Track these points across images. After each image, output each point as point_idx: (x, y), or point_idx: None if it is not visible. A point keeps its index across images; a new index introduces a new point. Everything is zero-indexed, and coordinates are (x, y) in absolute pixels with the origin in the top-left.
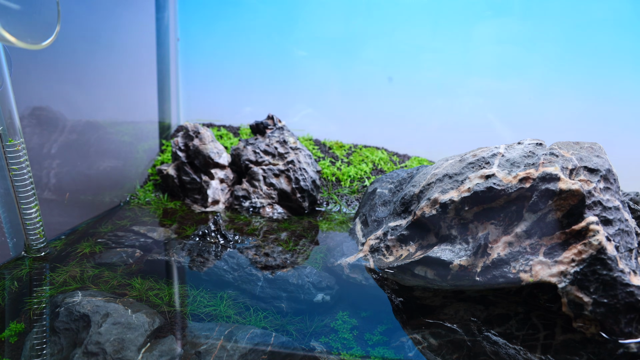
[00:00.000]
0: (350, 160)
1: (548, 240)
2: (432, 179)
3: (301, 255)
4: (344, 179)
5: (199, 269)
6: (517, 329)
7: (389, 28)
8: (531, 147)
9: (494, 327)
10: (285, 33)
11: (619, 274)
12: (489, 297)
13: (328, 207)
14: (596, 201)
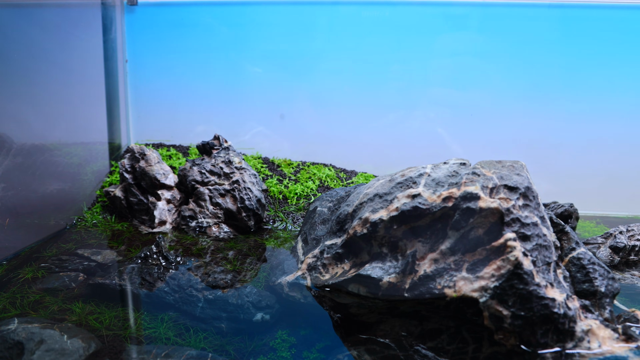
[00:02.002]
0: (298, 178)
1: (470, 256)
2: (364, 198)
3: (243, 275)
4: (291, 197)
5: (140, 291)
6: (448, 343)
7: (341, 47)
8: (455, 166)
9: (426, 341)
10: (240, 51)
11: (535, 288)
12: (422, 312)
13: (274, 224)
14: (515, 218)
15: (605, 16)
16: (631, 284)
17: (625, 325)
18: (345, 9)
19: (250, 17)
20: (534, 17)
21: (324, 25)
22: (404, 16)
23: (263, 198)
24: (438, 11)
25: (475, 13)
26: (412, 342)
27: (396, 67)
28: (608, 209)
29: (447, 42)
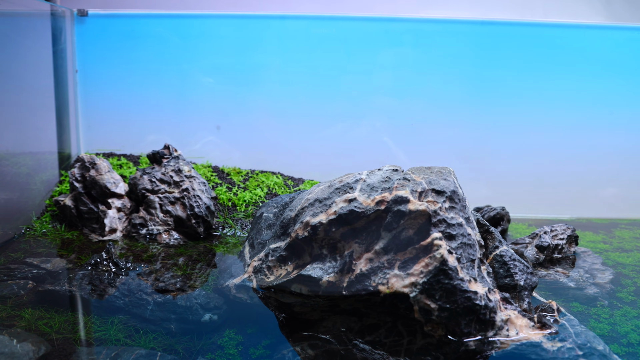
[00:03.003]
0: (247, 186)
1: (402, 255)
2: (306, 203)
3: (192, 279)
4: (240, 204)
5: (90, 296)
6: (385, 336)
7: (290, 59)
8: (388, 172)
9: (365, 336)
10: (192, 62)
11: (459, 282)
12: (361, 309)
13: (224, 231)
14: (441, 219)
15: (532, 33)
16: (554, 280)
17: (540, 314)
18: (294, 23)
19: (202, 29)
20: (466, 33)
21: (274, 38)
22: (349, 31)
23: (212, 205)
24: (380, 27)
25: (413, 29)
26: (352, 337)
27: (344, 78)
28: (538, 211)
29: (390, 55)
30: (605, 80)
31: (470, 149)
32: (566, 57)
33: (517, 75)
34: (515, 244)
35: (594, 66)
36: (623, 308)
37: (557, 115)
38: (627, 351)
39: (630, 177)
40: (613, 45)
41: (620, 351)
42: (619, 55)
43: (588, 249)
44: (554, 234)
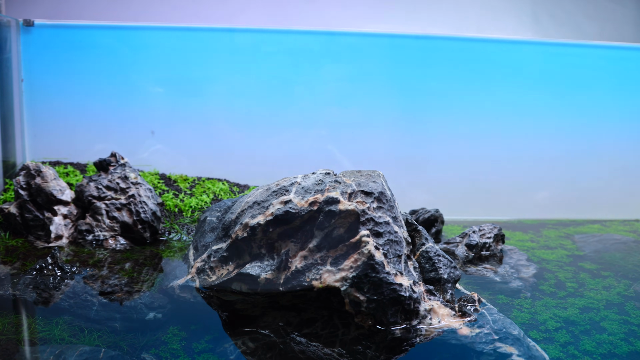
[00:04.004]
0: (193, 192)
1: (334, 252)
2: (245, 206)
3: (138, 281)
4: (186, 210)
5: (35, 300)
6: (322, 329)
7: (239, 70)
8: (321, 176)
9: (303, 329)
10: (141, 72)
11: (385, 276)
12: (299, 305)
13: (170, 236)
14: (369, 218)
15: (466, 47)
16: (482, 275)
17: (461, 304)
18: (242, 36)
19: (150, 40)
20: (405, 47)
21: (223, 51)
22: (295, 44)
23: (158, 211)
24: (322, 40)
25: (354, 43)
26: (291, 330)
27: (291, 90)
28: (474, 214)
29: (334, 68)
30: (534, 91)
31: (410, 155)
32: (497, 70)
33: (453, 87)
34: (448, 244)
35: (523, 78)
36: (544, 299)
37: (491, 124)
38: (545, 336)
39: (558, 181)
40: (540, 59)
41: (539, 337)
42: (545, 69)
43: (515, 247)
44: (482, 233)
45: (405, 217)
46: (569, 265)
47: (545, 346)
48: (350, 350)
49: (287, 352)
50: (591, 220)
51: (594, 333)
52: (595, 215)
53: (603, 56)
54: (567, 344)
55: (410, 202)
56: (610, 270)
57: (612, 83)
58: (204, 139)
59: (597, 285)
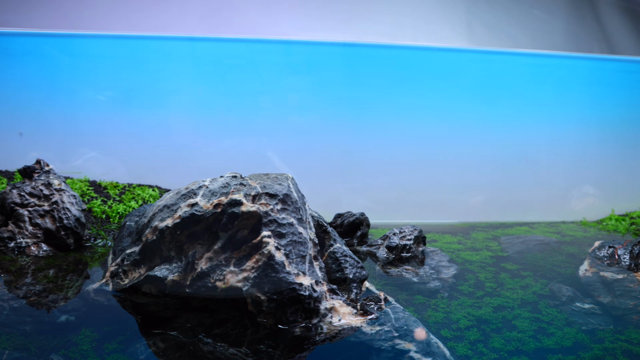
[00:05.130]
0: (122, 199)
1: (237, 253)
2: (157, 209)
3: (55, 286)
4: (113, 216)
5: None
6: (232, 329)
7: (178, 77)
8: (228, 179)
9: (214, 330)
10: (82, 81)
11: (285, 275)
12: (210, 306)
13: (95, 242)
14: (272, 219)
15: (402, 55)
16: (399, 276)
17: (363, 302)
18: (179, 44)
19: (92, 48)
20: (341, 56)
21: (158, 57)
22: (232, 52)
23: (83, 217)
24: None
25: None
26: (202, 331)
27: (232, 98)
28: (409, 217)
29: (272, 76)
30: (467, 98)
31: (348, 161)
32: (432, 78)
33: (388, 94)
34: (370, 246)
35: (457, 86)
36: (460, 299)
37: (428, 131)
38: (455, 335)
39: (491, 185)
40: (473, 67)
41: (449, 335)
42: (478, 76)
43: (437, 249)
44: (403, 235)
45: (318, 219)
46: (491, 266)
47: (454, 344)
48: (254, 349)
49: (196, 352)
50: (520, 223)
51: (505, 331)
52: (524, 218)
53: (534, 64)
54: (477, 341)
55: (347, 206)
56: (530, 270)
57: (543, 91)
58: (139, 146)
59: (515, 285)
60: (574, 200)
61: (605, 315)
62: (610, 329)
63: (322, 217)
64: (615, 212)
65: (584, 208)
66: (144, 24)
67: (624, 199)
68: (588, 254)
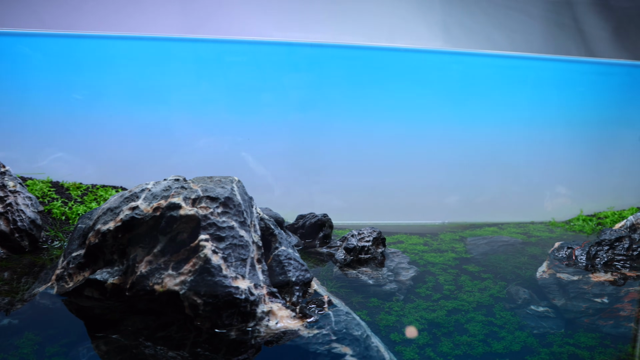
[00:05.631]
0: (84, 200)
1: (176, 256)
2: (101, 212)
3: (1, 289)
4: (73, 217)
5: None
6: (176, 332)
7: (145, 76)
8: (171, 182)
9: (158, 332)
10: (53, 80)
11: (221, 279)
12: (155, 309)
13: (53, 244)
14: (211, 223)
15: (378, 56)
16: (356, 278)
17: (303, 306)
18: (149, 44)
19: (65, 48)
20: (314, 56)
21: (125, 57)
22: (207, 53)
23: (39, 219)
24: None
25: (276, 51)
26: (147, 334)
27: (206, 97)
28: (374, 218)
29: (240, 76)
30: (443, 99)
31: (322, 162)
32: (408, 78)
33: (365, 95)
34: (330, 247)
35: (433, 87)
36: (416, 302)
37: (402, 132)
38: (405, 339)
39: (463, 186)
40: (451, 68)
41: (398, 339)
42: (455, 77)
43: (398, 250)
44: (361, 237)
45: (268, 222)
46: (453, 268)
47: (402, 348)
48: (193, 353)
49: (137, 355)
50: (490, 223)
51: (456, 335)
52: (495, 218)
53: (506, 66)
54: (426, 345)
55: (319, 207)
56: (491, 272)
57: (515, 92)
58: (108, 147)
59: (473, 288)
60: (545, 201)
61: (557, 319)
62: (561, 333)
63: (271, 220)
64: (583, 213)
65: (555, 208)
66: (114, 23)
67: (593, 199)
68: (548, 255)
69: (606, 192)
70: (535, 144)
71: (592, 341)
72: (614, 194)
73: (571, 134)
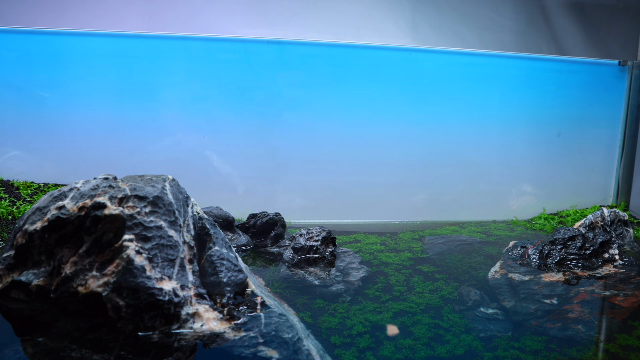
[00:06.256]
0: (33, 199)
1: (101, 257)
2: (31, 212)
3: None
4: (20, 217)
5: None
6: (107, 334)
7: (113, 72)
8: (100, 181)
9: (89, 334)
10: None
11: (143, 280)
12: (86, 310)
13: None
14: (138, 222)
15: (344, 54)
16: (303, 279)
17: (230, 307)
18: (120, 41)
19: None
20: (277, 54)
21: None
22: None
23: None
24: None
25: (239, 48)
26: (78, 335)
27: (170, 94)
28: (336, 217)
29: (213, 72)
30: (408, 97)
31: (286, 160)
32: (372, 76)
33: (332, 93)
34: (279, 247)
35: (397, 85)
36: (363, 303)
37: (368, 130)
38: (345, 342)
39: (425, 185)
40: (418, 66)
41: (338, 342)
42: (421, 75)
43: (350, 250)
44: (310, 236)
45: (205, 221)
46: (407, 269)
47: (341, 351)
48: (118, 355)
49: (64, 358)
50: (452, 222)
51: (399, 338)
52: (458, 217)
53: (482, 64)
54: (366, 349)
55: (282, 206)
56: (445, 272)
57: (479, 90)
58: (65, 145)
59: (424, 289)
60: (510, 200)
61: (505, 321)
62: (508, 336)
63: (209, 219)
64: (546, 211)
65: (519, 207)
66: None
67: (557, 197)
68: (502, 254)
69: (570, 191)
70: (501, 142)
71: (538, 345)
72: (577, 192)
73: (536, 132)
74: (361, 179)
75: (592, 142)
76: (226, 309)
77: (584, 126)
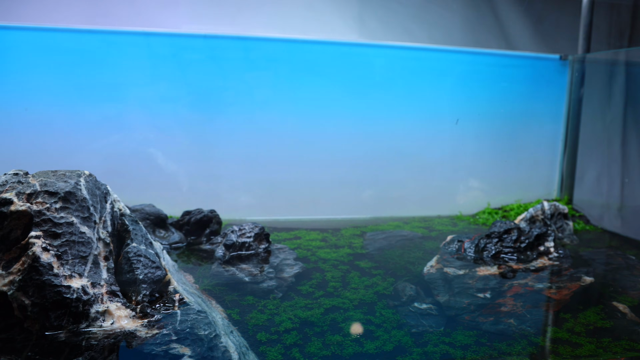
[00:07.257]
0: None
1: (8, 255)
2: None
3: None
4: None
5: None
6: (19, 334)
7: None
8: (9, 176)
9: (1, 334)
10: None
11: (50, 278)
12: (1, 310)
13: None
14: (47, 219)
15: (290, 49)
16: (234, 276)
17: (143, 305)
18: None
19: None
20: (224, 48)
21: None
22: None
23: None
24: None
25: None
26: None
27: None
28: (281, 214)
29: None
30: (353, 93)
31: (231, 158)
32: (316, 72)
33: (278, 89)
34: (212, 244)
35: (347, 80)
36: (294, 299)
37: (315, 127)
38: (272, 338)
39: (371, 181)
40: (366, 61)
41: (264, 339)
42: (371, 71)
43: (285, 246)
44: (242, 232)
45: (125, 218)
46: (345, 264)
47: (267, 348)
48: (25, 356)
49: None
50: (395, 218)
51: (328, 334)
52: (403, 213)
53: (430, 58)
54: (293, 346)
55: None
56: (383, 268)
57: (424, 84)
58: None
59: (360, 285)
60: (457, 195)
61: (438, 316)
62: (439, 331)
63: (130, 216)
64: (491, 206)
65: (466, 202)
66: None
67: (503, 192)
68: (439, 248)
69: (515, 185)
70: (449, 137)
71: (469, 339)
72: (523, 187)
73: (484, 128)
74: (307, 176)
75: (536, 137)
76: (139, 307)
77: (529, 121)
